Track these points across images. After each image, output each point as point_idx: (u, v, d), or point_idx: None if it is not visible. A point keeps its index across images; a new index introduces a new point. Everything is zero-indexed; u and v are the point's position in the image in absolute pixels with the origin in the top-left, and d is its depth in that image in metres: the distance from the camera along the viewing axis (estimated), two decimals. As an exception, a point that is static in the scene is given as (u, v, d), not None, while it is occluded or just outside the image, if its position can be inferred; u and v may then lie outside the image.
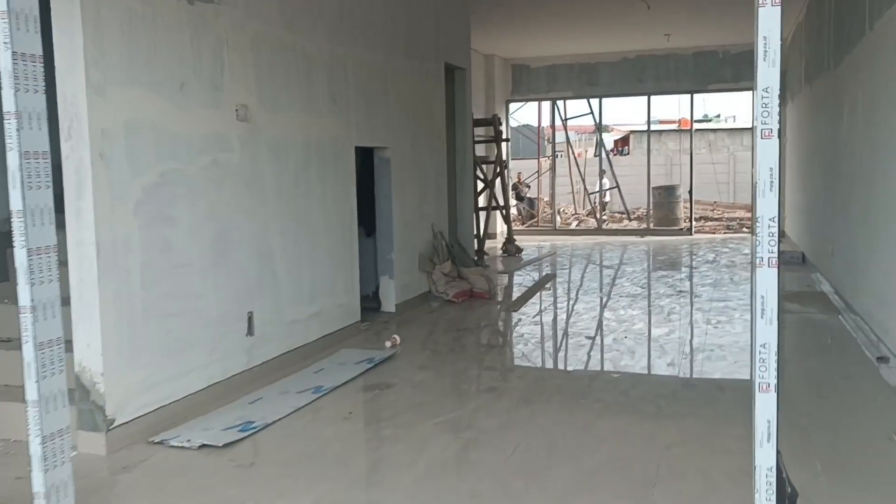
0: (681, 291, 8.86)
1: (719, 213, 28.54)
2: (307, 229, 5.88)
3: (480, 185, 12.51)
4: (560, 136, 19.04)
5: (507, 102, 16.07)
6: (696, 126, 41.10)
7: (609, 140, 58.06)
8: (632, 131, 49.28)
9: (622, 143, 55.03)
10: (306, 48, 5.84)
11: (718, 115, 57.62)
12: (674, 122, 51.52)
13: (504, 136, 12.63)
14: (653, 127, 50.26)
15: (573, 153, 21.62)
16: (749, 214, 28.26)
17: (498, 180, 12.53)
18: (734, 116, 54.54)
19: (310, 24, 5.89)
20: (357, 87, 6.65)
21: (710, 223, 21.99)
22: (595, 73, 15.44)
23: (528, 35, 13.52)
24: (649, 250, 13.14)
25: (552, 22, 12.32)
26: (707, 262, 11.28)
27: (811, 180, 10.09)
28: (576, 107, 20.29)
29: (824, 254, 8.70)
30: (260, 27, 5.27)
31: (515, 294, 9.06)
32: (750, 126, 44.09)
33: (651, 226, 16.56)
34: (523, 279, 10.22)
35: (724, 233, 16.15)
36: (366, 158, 7.53)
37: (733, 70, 14.65)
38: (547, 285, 9.66)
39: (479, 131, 12.98)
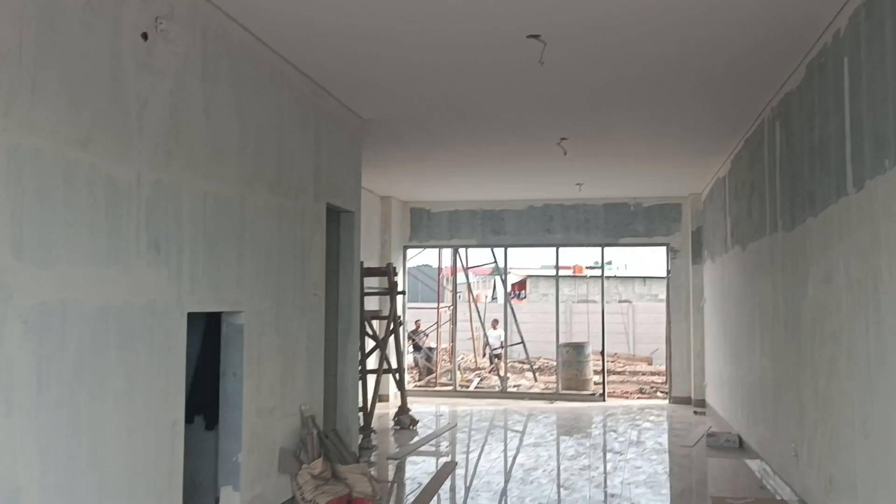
0: None
1: (621, 365, 27.67)
2: (93, 443, 3.88)
3: (371, 344, 10.72)
4: (462, 278, 17.66)
5: (405, 248, 14.60)
6: (589, 273, 41.06)
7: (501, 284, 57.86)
8: (528, 275, 49.18)
9: (519, 286, 54.83)
10: (112, 173, 4.05)
11: (610, 263, 58.84)
12: (569, 267, 51.81)
13: (399, 289, 11.00)
14: (549, 273, 50.05)
15: (473, 298, 20.24)
16: (653, 369, 27.40)
17: (392, 338, 10.77)
18: (625, 265, 55.90)
19: (120, 139, 4.14)
20: (196, 229, 4.86)
21: (619, 384, 20.78)
22: (500, 222, 14.26)
23: (429, 178, 12.25)
24: (560, 424, 11.47)
25: (455, 167, 11.09)
26: (633, 445, 9.66)
27: (747, 352, 8.82)
28: (479, 253, 19.03)
29: (778, 447, 7.23)
30: (26, 139, 3.47)
31: (408, 495, 7.10)
32: (643, 275, 44.55)
33: (560, 388, 15.03)
34: (418, 469, 8.28)
35: (639, 397, 14.77)
36: (211, 324, 5.64)
37: (646, 224, 13.77)
38: (446, 480, 7.73)
39: (372, 282, 11.30)
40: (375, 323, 11.00)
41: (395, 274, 10.78)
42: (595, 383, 15.06)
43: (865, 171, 4.56)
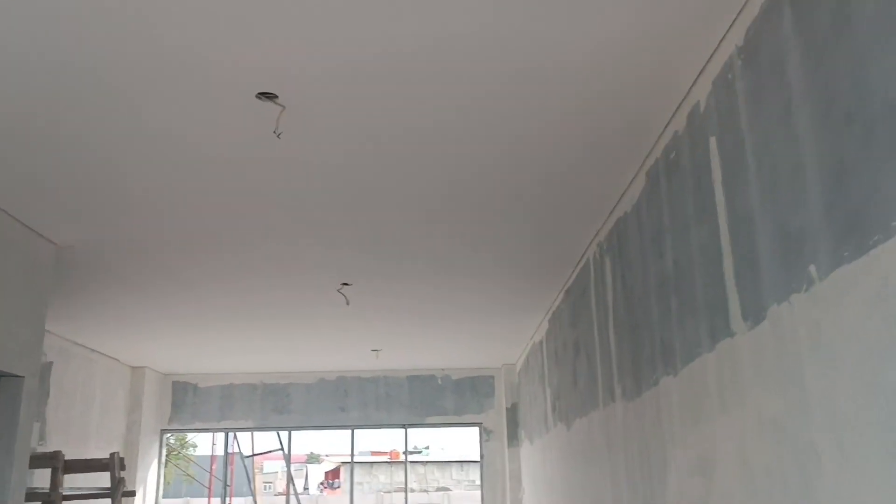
0: None
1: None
2: None
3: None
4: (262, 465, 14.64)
5: (163, 433, 11.65)
6: (407, 458, 38.41)
7: (320, 471, 53.61)
8: (343, 462, 45.54)
9: (333, 474, 50.71)
10: None
11: (427, 447, 56.39)
12: (385, 453, 48.73)
13: (126, 488, 8.09)
14: (364, 458, 46.58)
15: (294, 487, 17.05)
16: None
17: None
18: (443, 448, 53.49)
19: None
20: None
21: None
22: (285, 398, 11.81)
23: (194, 344, 9.78)
24: None
25: (217, 326, 8.79)
26: None
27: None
28: (267, 437, 16.14)
29: None
30: None
31: None
32: (461, 459, 42.43)
33: None
34: None
35: None
36: None
37: (455, 399, 11.87)
38: None
39: (90, 479, 8.35)
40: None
41: (123, 467, 7.96)
42: None
43: (764, 295, 2.89)
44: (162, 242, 5.80)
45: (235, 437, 15.08)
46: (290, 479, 11.86)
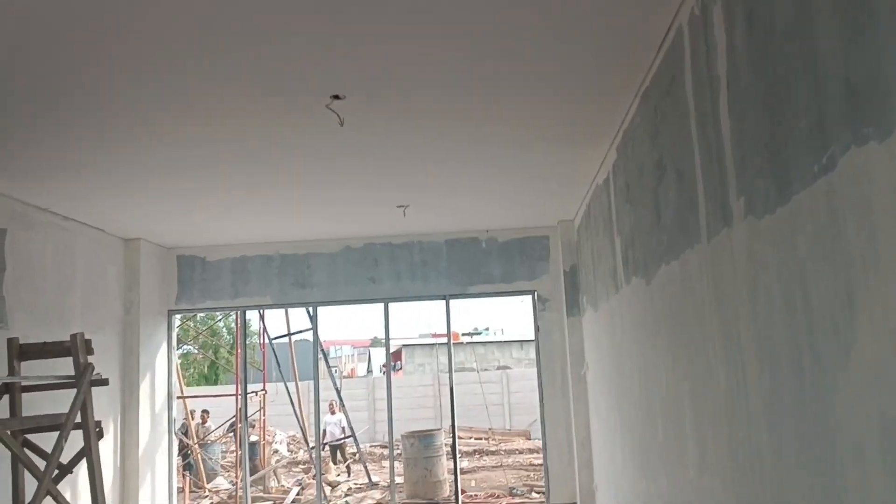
0: None
1: (496, 443, 23.89)
2: None
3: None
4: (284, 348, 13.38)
5: (171, 314, 10.24)
6: (465, 339, 37.52)
7: (381, 354, 53.87)
8: (404, 345, 45.30)
9: (395, 357, 50.86)
10: None
11: (487, 329, 55.87)
12: (444, 335, 48.45)
13: (98, 376, 6.59)
14: (423, 340, 46.26)
15: (295, 374, 15.87)
16: (531, 445, 23.67)
17: (90, 461, 6.35)
18: (502, 329, 52.69)
19: None
20: None
21: (491, 469, 16.81)
22: (306, 270, 10.21)
23: (197, 206, 8.15)
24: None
25: (231, 189, 7.10)
26: None
27: (664, 458, 5.10)
28: (291, 315, 14.83)
29: None
30: None
31: None
32: (521, 338, 41.57)
33: (400, 501, 10.91)
34: None
35: (509, 501, 10.81)
36: None
37: (503, 265, 10.09)
38: None
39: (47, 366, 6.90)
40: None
41: (90, 352, 6.46)
42: (449, 485, 11.04)
43: None
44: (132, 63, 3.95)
45: (262, 317, 13.74)
46: (316, 360, 10.41)
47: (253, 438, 17.62)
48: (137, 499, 8.99)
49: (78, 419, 6.17)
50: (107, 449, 8.72)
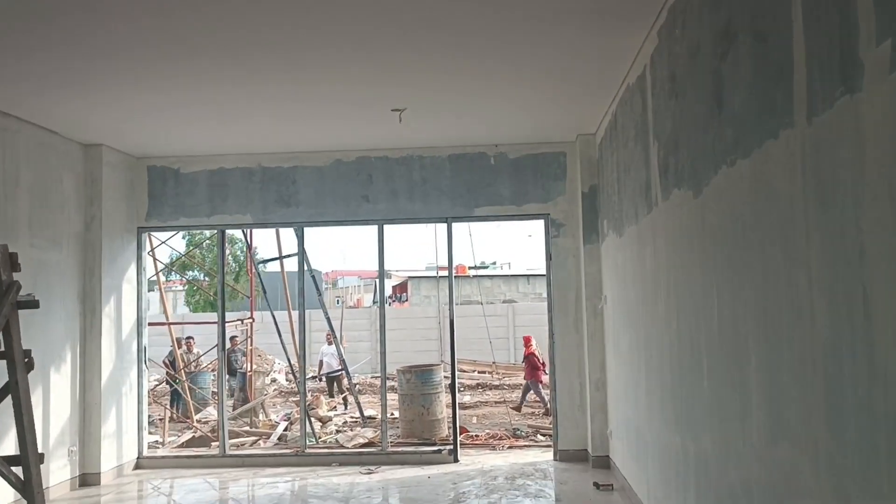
0: None
1: (499, 377, 23.19)
2: None
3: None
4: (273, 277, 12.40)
5: (141, 231, 9.18)
6: (472, 273, 36.69)
7: (387, 286, 53.49)
8: (410, 277, 44.67)
9: (400, 289, 50.36)
10: None
11: (494, 263, 55.13)
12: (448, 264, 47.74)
13: (31, 296, 5.54)
14: (430, 273, 45.58)
15: (290, 306, 14.91)
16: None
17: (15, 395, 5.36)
18: (509, 263, 51.83)
19: None
20: None
21: (494, 406, 16.00)
22: (291, 186, 9.10)
23: (170, 111, 7.02)
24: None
25: (206, 88, 5.95)
26: None
27: (707, 408, 4.08)
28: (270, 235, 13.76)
29: None
30: None
31: None
32: (528, 272, 40.72)
33: (394, 441, 10.03)
34: None
35: (511, 445, 9.92)
36: None
37: (513, 184, 8.96)
38: None
39: None
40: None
41: (16, 268, 5.40)
42: (448, 425, 10.14)
43: None
44: None
45: (249, 237, 12.66)
46: (302, 286, 9.39)
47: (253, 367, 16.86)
48: (100, 434, 8.11)
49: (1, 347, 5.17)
50: (63, 380, 7.79)
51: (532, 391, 15.14)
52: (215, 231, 9.27)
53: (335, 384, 16.79)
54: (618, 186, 7.13)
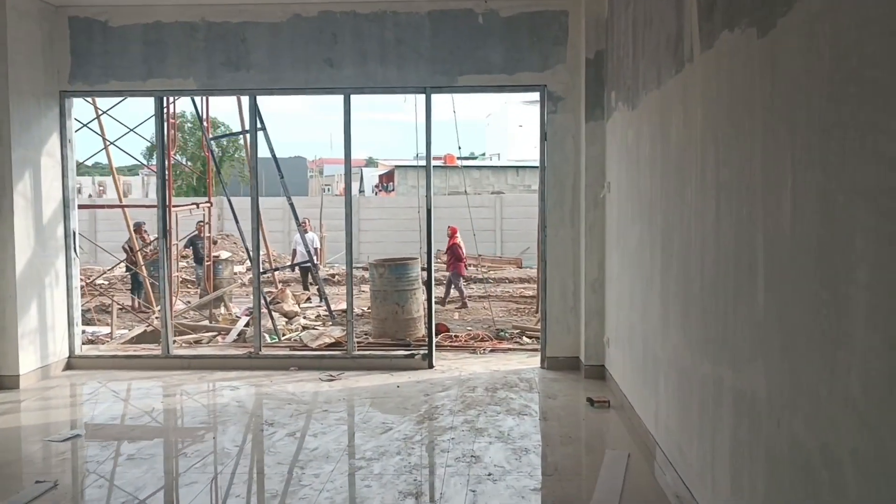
0: None
1: (485, 270, 22.31)
2: None
3: None
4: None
5: (64, 96, 7.78)
6: (461, 163, 35.39)
7: (374, 175, 52.12)
8: (397, 166, 43.49)
9: (387, 178, 49.12)
10: None
11: (484, 154, 53.60)
12: (439, 158, 46.34)
13: None
14: (419, 162, 44.40)
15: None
16: (522, 274, 22.01)
17: None
18: (498, 154, 50.32)
19: None
20: None
21: (478, 301, 15.06)
22: (240, 45, 7.65)
23: None
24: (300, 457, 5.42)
25: None
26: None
27: (738, 325, 2.94)
28: (222, 102, 12.43)
29: None
30: None
31: None
32: (517, 163, 39.41)
33: (364, 342, 9.01)
34: None
35: (494, 348, 8.92)
36: None
37: (505, 49, 7.55)
38: None
39: None
40: None
41: None
42: (424, 324, 9.10)
43: None
44: None
45: (203, 106, 11.18)
46: (255, 167, 8.10)
47: (224, 255, 15.71)
48: (16, 332, 7.00)
49: None
50: (-34, 268, 6.59)
51: (453, 284, 14.86)
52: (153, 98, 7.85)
53: (308, 275, 15.75)
54: (633, 48, 5.77)
